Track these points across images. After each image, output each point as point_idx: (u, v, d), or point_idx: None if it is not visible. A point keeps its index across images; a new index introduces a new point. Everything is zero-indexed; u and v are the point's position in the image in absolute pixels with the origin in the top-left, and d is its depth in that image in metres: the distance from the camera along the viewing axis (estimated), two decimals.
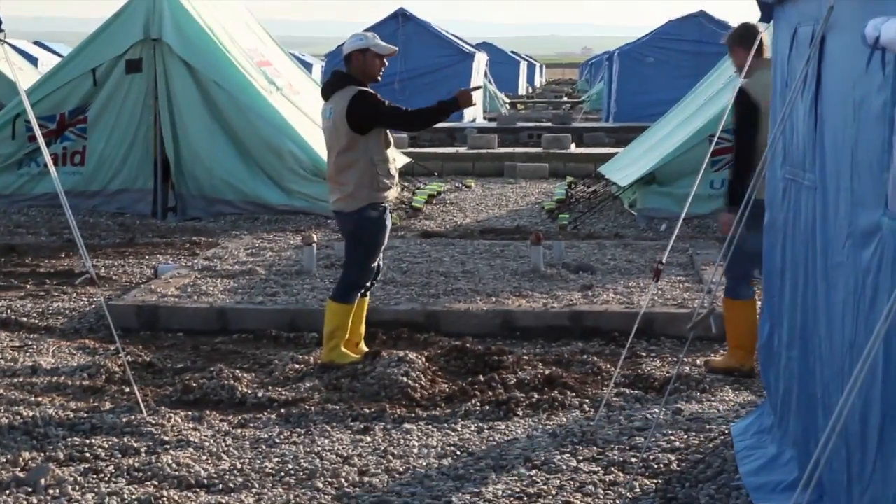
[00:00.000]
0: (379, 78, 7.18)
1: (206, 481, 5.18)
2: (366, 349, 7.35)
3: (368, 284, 7.34)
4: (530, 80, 59.61)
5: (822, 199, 4.25)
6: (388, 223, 7.21)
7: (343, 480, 5.21)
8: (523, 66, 54.17)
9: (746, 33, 6.66)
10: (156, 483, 5.15)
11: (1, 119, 14.04)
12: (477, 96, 31.63)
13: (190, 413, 6.17)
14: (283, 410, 6.25)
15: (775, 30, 5.49)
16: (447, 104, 7.09)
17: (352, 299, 7.16)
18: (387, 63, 7.22)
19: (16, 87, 17.73)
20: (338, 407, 6.27)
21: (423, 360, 7.05)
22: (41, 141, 6.51)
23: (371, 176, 6.98)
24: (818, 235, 4.29)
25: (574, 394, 6.52)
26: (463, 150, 21.12)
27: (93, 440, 5.68)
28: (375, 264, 7.25)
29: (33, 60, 30.91)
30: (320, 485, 5.16)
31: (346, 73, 7.17)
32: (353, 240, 7.16)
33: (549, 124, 26.39)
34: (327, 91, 7.18)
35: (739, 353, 6.97)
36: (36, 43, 39.08)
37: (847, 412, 2.94)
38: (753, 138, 6.58)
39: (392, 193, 7.21)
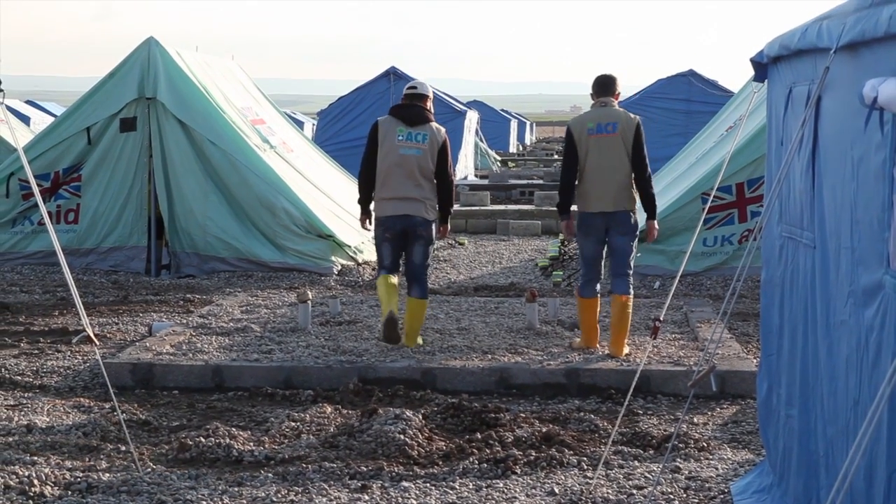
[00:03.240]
0: None
1: None
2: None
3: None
4: (521, 137, 59.91)
5: (821, 257, 4.27)
6: None
7: None
8: (514, 124, 54.45)
9: (593, 83, 8.77)
10: None
11: None
12: (468, 154, 31.80)
13: (186, 471, 6.13)
14: (280, 468, 6.21)
15: (769, 89, 5.54)
16: (447, 216, 9.20)
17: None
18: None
19: (8, 147, 17.76)
20: (335, 465, 6.24)
21: (420, 417, 7.03)
22: (39, 198, 6.51)
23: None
24: (818, 293, 4.31)
25: (572, 452, 6.50)
26: (455, 207, 21.09)
27: (89, 499, 5.65)
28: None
29: (25, 119, 31.06)
30: None
31: (426, 109, 9.03)
32: (426, 243, 8.95)
33: (541, 182, 26.50)
34: (414, 119, 8.93)
35: (585, 337, 8.87)
36: (28, 102, 39.28)
37: (853, 471, 2.94)
38: (571, 161, 8.68)
39: None
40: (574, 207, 8.77)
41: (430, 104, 9.11)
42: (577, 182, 8.74)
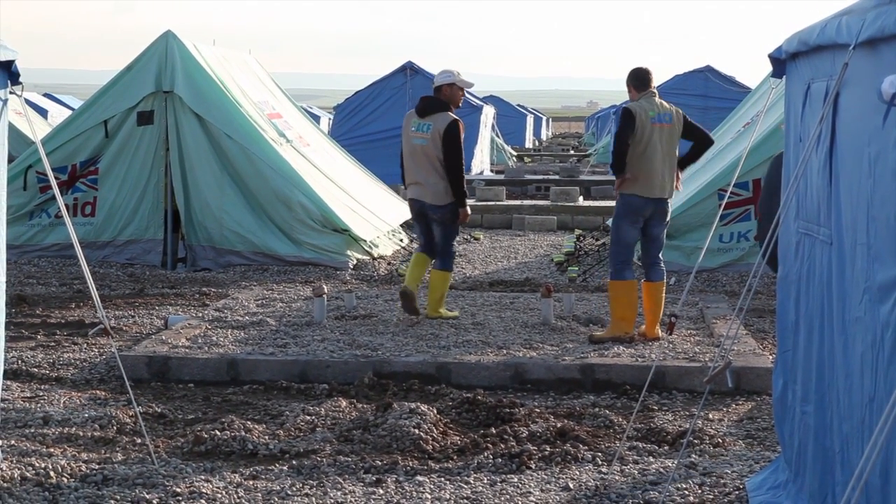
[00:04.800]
0: (460, 105, 9.98)
1: None
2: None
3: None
4: (537, 133, 59.86)
5: (837, 253, 4.26)
6: None
7: None
8: (530, 120, 54.42)
9: (634, 76, 9.10)
10: None
11: (13, 170, 14.07)
12: (484, 149, 31.78)
13: (202, 464, 6.15)
14: (294, 462, 6.23)
15: (787, 85, 5.52)
16: (463, 199, 9.68)
17: (453, 266, 10.08)
18: (466, 94, 10.06)
19: (26, 140, 17.81)
20: (350, 459, 6.25)
21: (435, 411, 7.03)
22: (56, 191, 6.52)
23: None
24: (834, 290, 4.30)
25: (586, 447, 6.50)
26: (471, 202, 21.10)
27: (105, 491, 5.67)
28: None
29: (43, 112, 31.15)
30: None
31: (441, 100, 9.79)
32: (446, 224, 9.76)
33: (557, 177, 26.47)
34: (426, 110, 9.75)
35: (622, 323, 8.91)
36: (45, 95, 39.38)
37: (869, 467, 2.93)
38: (627, 137, 8.80)
39: None
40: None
41: (449, 90, 9.84)
42: (629, 165, 8.88)
